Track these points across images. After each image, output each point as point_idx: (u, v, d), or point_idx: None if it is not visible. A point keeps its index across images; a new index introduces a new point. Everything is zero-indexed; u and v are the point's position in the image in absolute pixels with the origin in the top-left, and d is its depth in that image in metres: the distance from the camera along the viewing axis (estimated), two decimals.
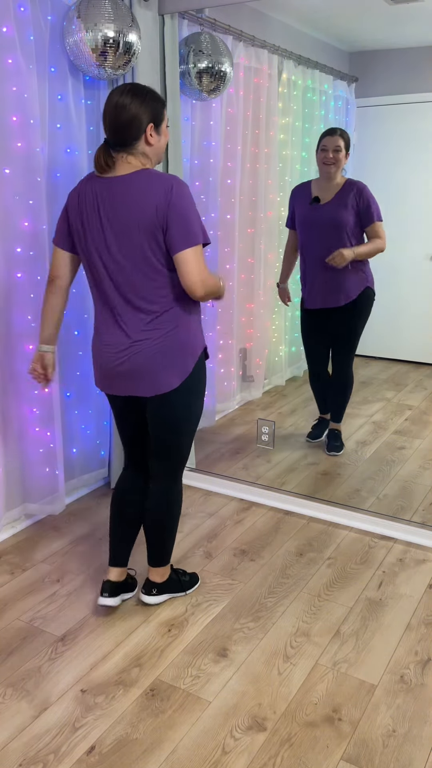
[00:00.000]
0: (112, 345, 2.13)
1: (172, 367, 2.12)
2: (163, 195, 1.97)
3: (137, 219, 1.99)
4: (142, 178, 2.00)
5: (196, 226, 2.00)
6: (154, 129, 2.04)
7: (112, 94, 2.02)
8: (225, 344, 4.04)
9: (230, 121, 3.67)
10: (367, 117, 3.97)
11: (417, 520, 2.93)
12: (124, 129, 2.00)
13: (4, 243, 2.66)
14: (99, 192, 2.04)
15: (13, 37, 2.48)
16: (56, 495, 3.00)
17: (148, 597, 2.41)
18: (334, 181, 3.36)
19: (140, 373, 2.12)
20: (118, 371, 2.14)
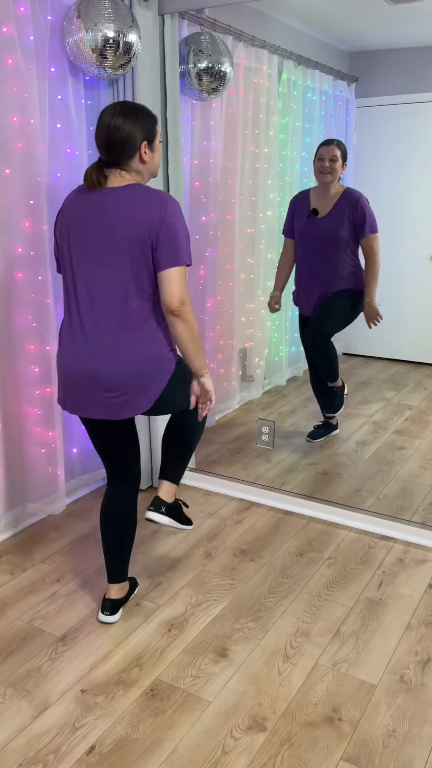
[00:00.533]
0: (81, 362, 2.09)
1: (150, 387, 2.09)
2: (157, 211, 1.98)
3: (127, 231, 1.99)
4: (135, 191, 2.01)
5: (184, 246, 2.02)
6: (147, 146, 2.06)
7: (104, 114, 2.02)
8: (225, 344, 4.04)
9: (230, 121, 3.67)
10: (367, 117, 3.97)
11: (417, 520, 2.93)
12: (119, 149, 2.02)
13: (4, 243, 2.66)
14: (88, 202, 2.03)
15: (13, 37, 2.49)
16: (57, 495, 3.00)
17: (154, 513, 2.32)
18: (331, 191, 3.37)
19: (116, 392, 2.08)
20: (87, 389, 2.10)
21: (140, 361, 2.06)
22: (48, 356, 2.83)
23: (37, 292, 2.75)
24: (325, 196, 3.37)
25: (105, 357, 2.05)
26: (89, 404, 2.10)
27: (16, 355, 2.79)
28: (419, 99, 3.79)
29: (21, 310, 2.74)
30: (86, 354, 2.06)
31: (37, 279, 2.74)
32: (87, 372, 2.06)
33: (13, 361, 2.79)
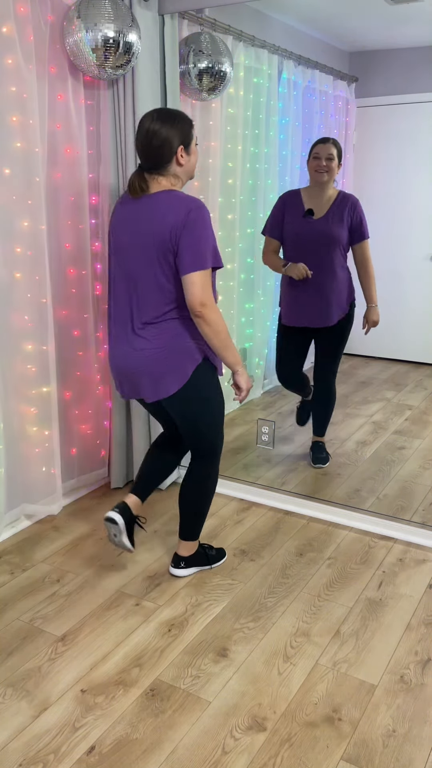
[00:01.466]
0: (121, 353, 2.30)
1: (170, 373, 2.25)
2: (179, 218, 2.10)
3: (153, 237, 2.13)
4: (164, 198, 2.14)
5: (206, 250, 2.12)
6: (184, 150, 2.19)
7: (143, 121, 2.16)
8: None
9: (230, 121, 3.67)
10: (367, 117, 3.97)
11: (417, 520, 2.93)
12: (157, 153, 2.15)
13: (4, 243, 2.66)
14: (131, 210, 2.20)
15: (13, 37, 2.48)
16: (54, 495, 3.00)
17: (177, 570, 2.60)
18: (326, 192, 3.21)
19: (142, 379, 2.27)
20: (128, 377, 2.31)
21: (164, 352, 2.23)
22: (45, 356, 2.83)
23: (34, 291, 2.75)
24: (320, 197, 3.22)
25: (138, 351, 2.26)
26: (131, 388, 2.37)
27: (15, 355, 2.79)
28: (419, 99, 3.80)
29: (18, 309, 2.74)
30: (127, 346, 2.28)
31: (34, 279, 2.74)
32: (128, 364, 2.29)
33: (11, 361, 2.79)
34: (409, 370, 4.50)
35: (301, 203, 3.27)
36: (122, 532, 2.47)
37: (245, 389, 2.33)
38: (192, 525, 2.54)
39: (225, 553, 2.71)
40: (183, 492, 2.52)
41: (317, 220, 3.23)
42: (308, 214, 3.23)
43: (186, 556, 2.59)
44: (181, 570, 2.59)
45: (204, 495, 2.50)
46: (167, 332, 2.23)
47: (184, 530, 2.56)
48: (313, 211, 3.23)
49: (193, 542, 2.58)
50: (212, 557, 2.65)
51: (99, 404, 3.25)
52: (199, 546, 2.64)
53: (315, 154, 3.20)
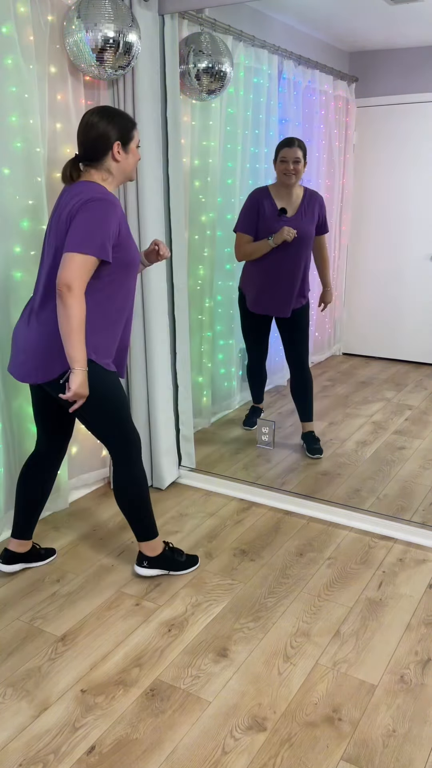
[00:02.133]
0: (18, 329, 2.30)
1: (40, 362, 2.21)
2: (78, 204, 2.11)
3: (57, 222, 2.16)
4: (78, 187, 2.16)
5: (94, 237, 2.06)
6: (121, 147, 2.20)
7: (85, 114, 2.20)
8: (224, 344, 4.04)
9: (230, 121, 3.67)
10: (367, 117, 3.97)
11: (417, 520, 2.93)
12: (92, 145, 2.18)
13: (4, 243, 2.66)
14: (58, 200, 2.23)
15: (13, 37, 2.48)
16: (58, 494, 3.00)
17: (139, 568, 2.57)
18: (295, 191, 3.37)
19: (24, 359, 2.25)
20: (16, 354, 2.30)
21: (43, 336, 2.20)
22: None
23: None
24: (290, 196, 3.37)
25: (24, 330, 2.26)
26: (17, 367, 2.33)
27: None
28: (419, 99, 3.80)
29: (19, 309, 2.74)
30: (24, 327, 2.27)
31: (35, 279, 2.74)
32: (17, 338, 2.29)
33: None
34: (409, 370, 4.51)
35: (272, 201, 3.39)
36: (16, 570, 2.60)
37: (73, 391, 2.12)
38: (136, 527, 2.50)
39: (197, 561, 2.64)
40: (117, 499, 2.47)
41: (290, 219, 3.36)
42: (282, 213, 3.35)
43: (150, 556, 2.55)
44: (144, 569, 2.56)
45: (133, 499, 2.44)
46: (53, 322, 2.19)
47: (136, 533, 2.52)
48: (286, 210, 3.36)
49: (152, 541, 2.53)
50: (180, 563, 2.59)
51: None
52: (168, 549, 2.58)
53: (282, 158, 3.31)
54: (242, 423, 3.98)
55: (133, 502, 2.45)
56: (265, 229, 3.40)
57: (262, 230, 3.40)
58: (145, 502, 2.47)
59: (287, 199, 3.37)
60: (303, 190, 3.38)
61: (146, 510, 2.48)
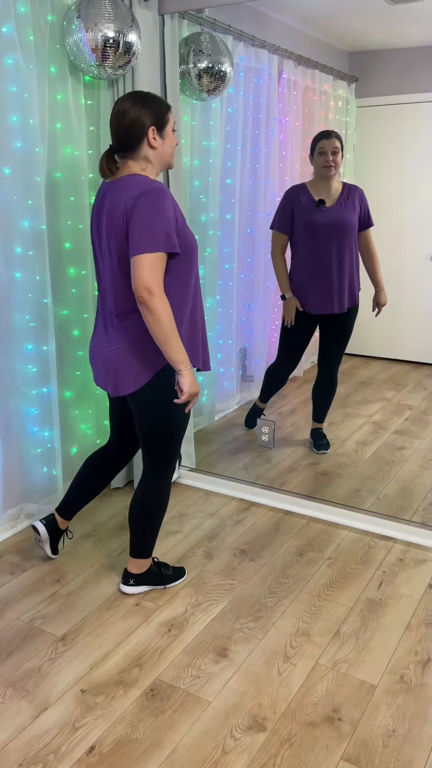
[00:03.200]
0: (95, 343, 2.27)
1: (129, 372, 2.16)
2: (130, 201, 2.00)
3: (112, 224, 2.05)
4: (125, 183, 2.04)
5: (156, 232, 1.97)
6: (156, 132, 2.08)
7: (117, 101, 2.10)
8: (225, 344, 4.04)
9: (230, 121, 3.67)
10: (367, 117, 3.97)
11: (417, 520, 2.93)
12: (126, 133, 2.06)
13: (4, 243, 2.66)
14: (100, 197, 2.14)
15: (13, 37, 2.48)
16: (55, 495, 3.00)
17: (125, 587, 2.49)
18: (333, 184, 3.34)
19: (107, 373, 2.21)
20: (96, 367, 2.28)
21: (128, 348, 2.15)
22: (46, 356, 2.83)
23: (35, 291, 2.75)
24: (328, 189, 3.34)
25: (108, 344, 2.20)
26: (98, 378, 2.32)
27: (15, 354, 2.79)
28: (419, 99, 3.80)
29: (19, 309, 2.74)
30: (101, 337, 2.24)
31: (35, 279, 2.74)
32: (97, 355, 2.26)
33: (11, 361, 2.79)
34: (409, 370, 4.51)
35: (309, 195, 3.37)
36: (44, 541, 2.62)
37: (186, 392, 2.10)
38: (141, 543, 2.41)
39: (184, 572, 2.58)
40: (132, 508, 2.39)
41: (330, 208, 3.33)
42: (320, 204, 3.32)
43: (136, 573, 2.46)
44: (130, 587, 2.47)
45: (153, 513, 2.37)
46: (133, 328, 2.13)
47: (133, 547, 2.43)
48: (324, 201, 3.33)
49: (144, 560, 2.45)
50: (167, 577, 2.52)
51: (99, 404, 3.25)
52: (154, 564, 2.51)
53: (320, 149, 3.30)
54: (244, 422, 3.98)
55: (153, 517, 2.38)
56: (304, 221, 3.37)
57: (300, 224, 3.39)
58: (160, 520, 2.41)
59: (326, 191, 3.35)
60: (341, 184, 3.36)
61: (157, 528, 2.42)
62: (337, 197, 3.34)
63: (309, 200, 3.36)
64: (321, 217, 3.34)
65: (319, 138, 3.29)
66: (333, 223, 3.33)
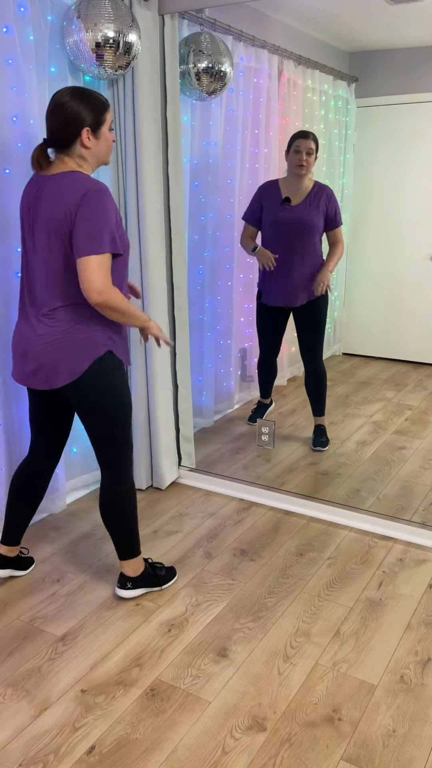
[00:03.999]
0: (21, 337, 2.20)
1: (63, 364, 2.14)
2: (74, 200, 2.00)
3: (50, 219, 2.04)
4: (65, 180, 2.04)
5: (102, 234, 1.99)
6: (91, 133, 2.08)
7: (54, 94, 2.07)
8: (224, 344, 4.04)
9: (230, 121, 3.67)
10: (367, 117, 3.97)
11: (417, 520, 2.93)
12: (60, 130, 2.05)
13: (4, 243, 2.66)
14: (34, 189, 2.11)
15: (13, 37, 2.48)
16: (57, 495, 3.00)
17: (122, 591, 2.45)
18: (303, 182, 3.43)
19: (39, 367, 2.16)
20: (22, 363, 2.21)
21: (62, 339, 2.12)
22: None
23: None
24: (297, 187, 3.44)
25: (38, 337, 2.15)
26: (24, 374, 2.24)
27: None
28: (419, 99, 3.79)
29: None
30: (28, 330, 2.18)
31: None
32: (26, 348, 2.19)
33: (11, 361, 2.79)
34: (409, 370, 4.51)
35: (278, 192, 3.47)
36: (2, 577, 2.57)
37: (163, 334, 2.29)
38: (124, 543, 2.38)
39: (175, 572, 2.57)
40: (102, 512, 2.36)
41: (294, 207, 3.44)
42: (285, 201, 3.43)
43: (133, 576, 2.43)
44: (128, 591, 2.44)
45: (123, 513, 2.34)
46: (67, 319, 2.11)
47: (121, 549, 2.40)
48: (290, 199, 3.44)
49: (135, 559, 2.42)
50: (162, 577, 2.51)
51: None
52: (148, 566, 2.50)
53: (296, 148, 3.40)
54: (247, 419, 4.03)
55: (126, 515, 2.35)
56: (269, 217, 3.49)
57: (267, 218, 3.51)
58: (135, 511, 2.38)
59: (295, 189, 3.44)
60: (313, 183, 3.45)
61: (136, 521, 2.39)
62: (304, 196, 3.43)
63: (277, 197, 3.47)
64: (284, 215, 3.44)
65: (296, 137, 3.39)
66: (294, 221, 3.43)
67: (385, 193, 4.03)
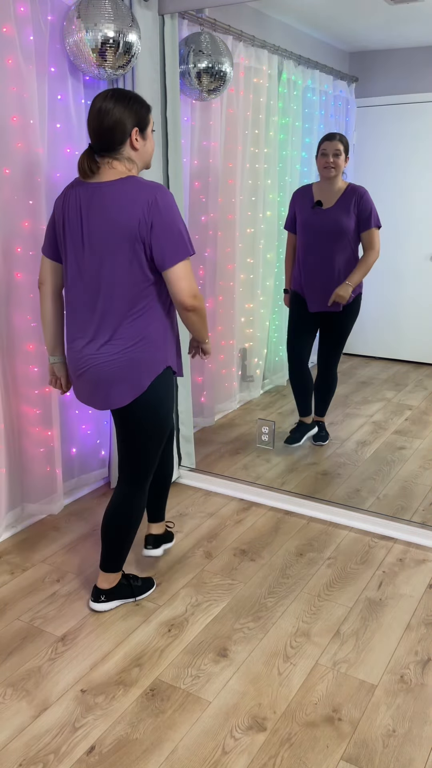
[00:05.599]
0: (80, 354, 2.15)
1: (124, 383, 2.11)
2: (146, 207, 1.97)
3: (119, 228, 1.99)
4: (127, 186, 2.00)
5: (183, 238, 2.00)
6: (139, 133, 2.05)
7: (96, 99, 2.03)
8: (225, 344, 4.04)
9: (230, 121, 3.67)
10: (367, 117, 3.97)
11: (417, 520, 2.93)
12: (108, 134, 2.01)
13: (4, 243, 2.66)
14: (83, 197, 2.04)
15: (13, 37, 2.48)
16: (55, 495, 3.00)
17: (96, 604, 2.38)
18: (335, 185, 3.38)
19: (98, 384, 2.13)
20: (83, 379, 2.17)
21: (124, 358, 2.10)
22: (46, 356, 2.83)
23: (35, 292, 2.75)
24: (330, 190, 3.39)
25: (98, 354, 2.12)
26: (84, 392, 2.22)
27: (15, 355, 2.79)
28: (419, 99, 3.79)
29: (20, 310, 2.74)
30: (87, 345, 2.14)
31: (36, 279, 2.74)
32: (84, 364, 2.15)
33: (12, 361, 2.79)
34: (409, 370, 4.50)
35: (311, 196, 3.44)
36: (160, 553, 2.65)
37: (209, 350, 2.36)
38: (116, 555, 2.33)
39: (153, 583, 2.51)
40: (109, 520, 2.30)
41: (325, 211, 3.38)
42: (317, 205, 3.38)
43: (107, 588, 2.37)
44: (102, 604, 2.37)
45: (131, 523, 2.30)
46: (128, 336, 2.08)
47: (106, 561, 2.34)
48: (322, 203, 3.38)
49: (115, 573, 2.37)
50: (137, 588, 2.44)
51: None
52: (123, 577, 2.42)
53: (323, 151, 3.36)
54: (284, 440, 3.79)
55: (130, 527, 2.31)
56: (301, 221, 3.46)
57: (299, 224, 3.48)
58: (136, 529, 2.35)
59: (326, 192, 3.40)
60: (346, 185, 3.39)
61: (130, 542, 2.35)
62: (336, 199, 3.37)
63: (308, 201, 3.43)
64: (315, 219, 3.40)
65: (322, 140, 3.36)
66: (324, 225, 3.39)
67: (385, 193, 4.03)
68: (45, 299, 2.27)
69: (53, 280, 2.24)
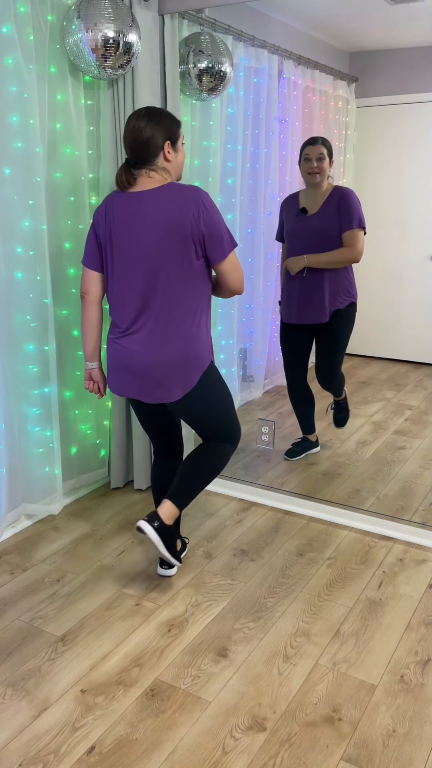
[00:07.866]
0: (127, 351, 2.29)
1: (178, 380, 2.29)
2: (194, 207, 2.16)
3: (170, 230, 2.16)
4: (170, 190, 2.18)
5: (227, 234, 2.21)
6: (170, 146, 2.23)
7: (130, 119, 2.23)
8: (225, 344, 4.04)
9: (230, 121, 3.67)
10: (367, 117, 3.97)
11: (417, 520, 2.93)
12: (143, 148, 2.19)
13: (4, 243, 2.66)
14: (128, 205, 2.21)
15: (13, 37, 2.48)
16: (55, 495, 3.00)
17: (145, 524, 2.30)
18: (320, 190, 3.29)
19: (164, 379, 2.28)
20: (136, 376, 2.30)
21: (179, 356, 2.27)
22: (47, 356, 2.83)
23: (36, 291, 2.75)
24: (315, 195, 3.31)
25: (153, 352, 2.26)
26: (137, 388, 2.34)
27: (15, 354, 2.79)
28: (419, 99, 3.79)
29: (20, 310, 2.74)
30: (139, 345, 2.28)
31: (36, 279, 2.74)
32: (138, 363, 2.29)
33: (12, 361, 2.79)
34: (409, 370, 4.50)
35: (297, 203, 3.35)
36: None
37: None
38: (186, 491, 2.36)
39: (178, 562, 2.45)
40: (195, 455, 2.40)
41: (310, 217, 3.29)
42: (302, 212, 3.30)
43: (164, 521, 2.31)
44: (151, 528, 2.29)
45: (212, 468, 2.41)
46: (179, 335, 2.25)
47: (175, 491, 2.35)
48: (307, 210, 3.30)
49: (176, 513, 2.34)
50: (176, 553, 2.39)
51: (99, 404, 3.25)
52: (182, 538, 2.61)
53: (306, 156, 3.29)
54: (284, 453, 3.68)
55: (213, 472, 2.42)
56: (287, 230, 3.37)
57: (286, 231, 3.40)
58: (213, 478, 2.44)
59: (312, 198, 3.31)
60: (332, 188, 3.28)
61: (208, 482, 2.43)
62: (321, 204, 3.27)
63: (296, 209, 3.35)
64: (299, 226, 3.30)
65: (305, 145, 3.29)
66: (308, 231, 3.27)
67: (386, 194, 4.03)
68: (90, 309, 2.40)
69: (96, 290, 2.38)
